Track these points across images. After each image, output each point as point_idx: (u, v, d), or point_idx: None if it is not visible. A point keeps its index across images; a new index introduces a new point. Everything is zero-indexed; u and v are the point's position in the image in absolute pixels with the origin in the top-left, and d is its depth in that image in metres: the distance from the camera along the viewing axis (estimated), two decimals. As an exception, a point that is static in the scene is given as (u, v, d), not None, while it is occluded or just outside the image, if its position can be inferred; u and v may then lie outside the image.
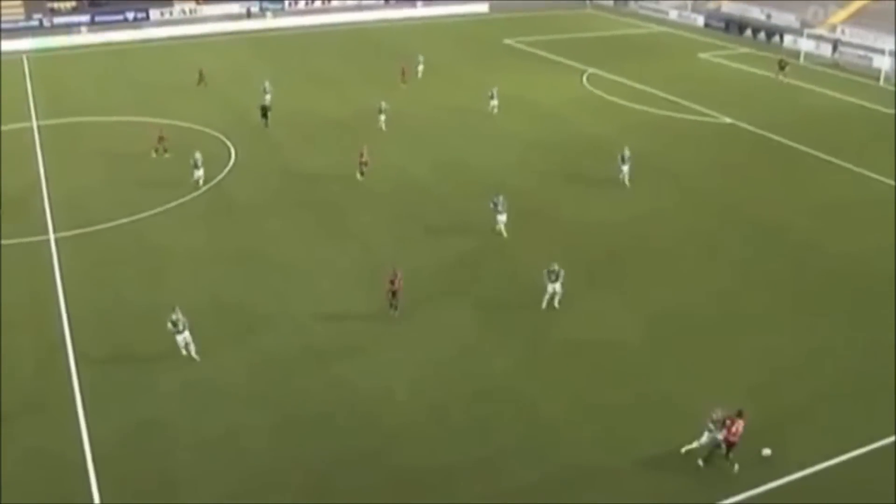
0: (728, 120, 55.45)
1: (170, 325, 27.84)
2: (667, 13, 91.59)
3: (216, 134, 49.96)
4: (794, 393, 27.77)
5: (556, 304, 32.03)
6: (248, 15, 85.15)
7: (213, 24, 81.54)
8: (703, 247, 37.91)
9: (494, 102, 55.00)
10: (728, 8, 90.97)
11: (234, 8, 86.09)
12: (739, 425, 23.84)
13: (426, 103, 57.35)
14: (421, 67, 62.75)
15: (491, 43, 76.45)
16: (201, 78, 60.60)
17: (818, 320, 32.07)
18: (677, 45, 78.69)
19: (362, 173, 43.48)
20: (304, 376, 28.07)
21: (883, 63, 67.89)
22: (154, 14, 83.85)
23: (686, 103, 58.60)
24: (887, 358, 29.58)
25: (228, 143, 48.29)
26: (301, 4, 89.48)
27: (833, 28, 79.47)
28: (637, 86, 62.57)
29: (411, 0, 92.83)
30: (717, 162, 47.38)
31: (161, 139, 46.52)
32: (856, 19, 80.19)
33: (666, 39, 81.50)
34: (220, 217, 39.72)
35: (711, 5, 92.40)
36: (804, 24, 79.49)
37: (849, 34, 77.16)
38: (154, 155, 46.19)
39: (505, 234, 37.80)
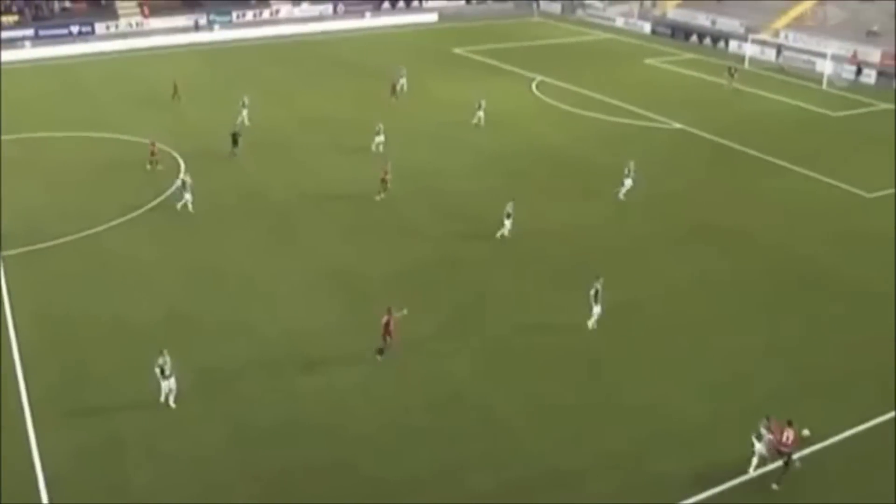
0: (678, 125, 56.08)
1: (157, 370, 26.43)
2: (614, 20, 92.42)
3: (165, 148, 49.32)
4: (754, 391, 28.32)
5: (593, 324, 31.57)
6: (197, 27, 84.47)
7: (160, 36, 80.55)
8: (663, 249, 38.53)
9: (480, 114, 54.60)
10: (674, 14, 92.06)
11: (181, 21, 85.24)
12: (789, 434, 23.68)
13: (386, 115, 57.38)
14: (404, 81, 62.01)
15: (440, 53, 76.61)
16: (175, 92, 59.87)
17: (775, 319, 32.80)
18: (625, 52, 79.46)
19: (384, 190, 42.63)
20: (262, 387, 27.90)
21: (825, 67, 69.11)
22: (99, 28, 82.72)
23: (635, 109, 59.18)
24: (843, 355, 30.40)
25: (178, 157, 47.79)
26: (249, 16, 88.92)
27: (776, 33, 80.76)
28: (586, 92, 63.04)
29: (360, 11, 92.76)
30: (670, 167, 47.88)
31: (153, 152, 46.20)
32: (798, 24, 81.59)
33: (613, 46, 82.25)
34: (172, 231, 39.28)
35: (657, 12, 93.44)
36: (749, 30, 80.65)
37: (792, 39, 78.48)
38: (149, 167, 45.80)
39: (506, 235, 38.54)
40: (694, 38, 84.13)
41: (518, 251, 37.82)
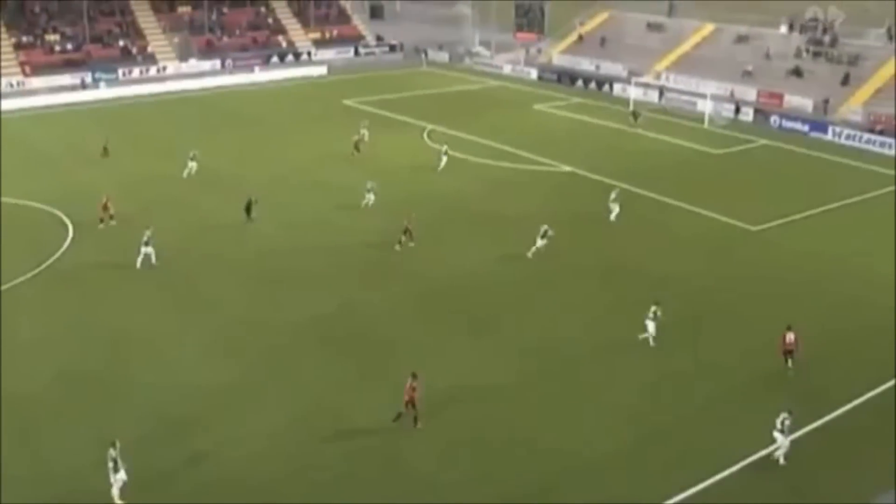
0: (567, 168, 57.18)
1: (110, 463, 24.78)
2: (501, 68, 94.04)
3: (49, 209, 48.01)
4: (656, 419, 29.29)
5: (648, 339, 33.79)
6: (83, 86, 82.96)
7: (44, 96, 78.82)
8: (561, 288, 39.41)
9: (445, 159, 56.02)
10: (559, 61, 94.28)
11: (66, 79, 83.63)
12: (790, 336, 31.28)
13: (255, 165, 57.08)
14: (364, 132, 61.41)
15: (331, 105, 76.66)
16: (105, 151, 58.68)
17: (665, 350, 33.63)
18: (513, 99, 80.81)
19: (401, 243, 42.92)
20: (161, 450, 27.23)
21: (706, 107, 71.55)
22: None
23: (525, 154, 60.14)
24: (739, 384, 31.52)
25: (64, 217, 46.60)
26: (136, 73, 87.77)
27: (658, 75, 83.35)
28: (476, 139, 63.70)
29: (249, 65, 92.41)
30: (561, 209, 48.49)
31: (106, 207, 45.38)
32: (678, 66, 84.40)
33: (502, 93, 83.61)
34: (64, 293, 38.34)
35: (544, 59, 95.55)
36: (632, 73, 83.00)
37: (673, 80, 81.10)
38: (101, 225, 45.12)
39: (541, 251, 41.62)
40: (580, 82, 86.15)
41: (420, 297, 38.18)
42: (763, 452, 27.05)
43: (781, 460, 26.62)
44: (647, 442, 28.05)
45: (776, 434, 26.52)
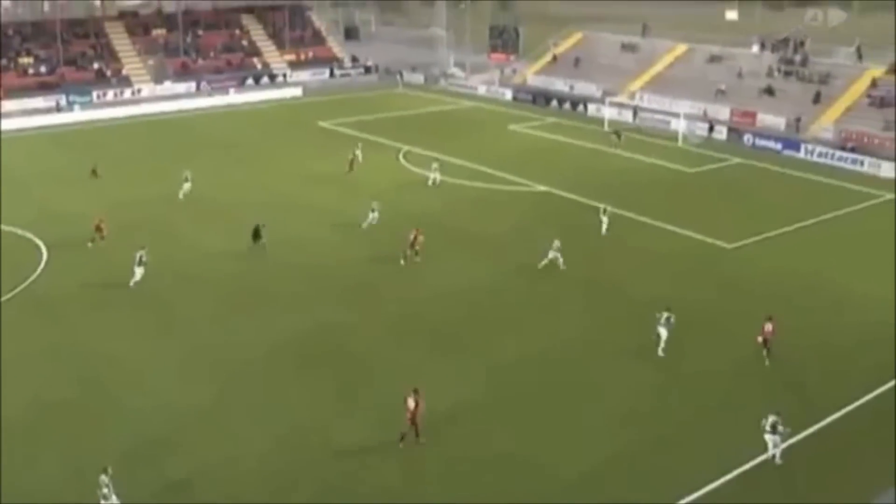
0: (542, 187, 57.38)
1: (105, 489, 24.45)
2: (476, 88, 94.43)
3: (23, 232, 47.70)
4: (656, 426, 29.69)
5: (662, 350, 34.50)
6: (58, 109, 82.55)
7: (18, 119, 77.95)
8: (545, 304, 39.61)
9: (436, 175, 57.03)
10: (533, 81, 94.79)
11: (40, 103, 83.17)
12: (769, 326, 33.44)
13: (241, 189, 56.98)
14: (359, 153, 61.79)
15: (306, 127, 76.66)
16: (94, 173, 58.60)
17: (669, 359, 34.15)
18: (488, 119, 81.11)
19: (406, 257, 43.52)
20: (145, 476, 26.93)
21: (679, 125, 72.09)
22: (-50, 112, 79.94)
23: (500, 174, 60.32)
24: (733, 387, 32.04)
25: (38, 241, 46.28)
26: (110, 96, 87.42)
27: (632, 95, 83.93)
28: (452, 160, 63.66)
29: (224, 87, 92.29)
30: (537, 228, 48.68)
31: (99, 227, 45.46)
32: (651, 86, 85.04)
33: (477, 114, 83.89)
34: (38, 318, 37.96)
35: (518, 79, 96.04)
36: (606, 93, 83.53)
37: (647, 100, 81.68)
38: (90, 244, 45.19)
39: (562, 266, 42.53)
40: (554, 103, 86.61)
41: (394, 316, 38.13)
42: (762, 457, 27.41)
43: (778, 459, 27.23)
44: (646, 448, 28.34)
45: (766, 436, 27.05)
